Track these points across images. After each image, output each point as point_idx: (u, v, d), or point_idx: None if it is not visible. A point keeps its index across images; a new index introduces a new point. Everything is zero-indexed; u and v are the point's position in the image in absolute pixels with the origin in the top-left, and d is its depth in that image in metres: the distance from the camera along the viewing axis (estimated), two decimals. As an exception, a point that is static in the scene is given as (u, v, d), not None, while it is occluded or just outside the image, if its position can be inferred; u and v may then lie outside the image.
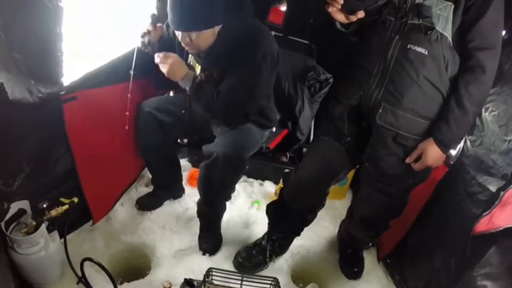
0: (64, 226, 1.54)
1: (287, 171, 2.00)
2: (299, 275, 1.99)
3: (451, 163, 1.63)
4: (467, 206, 1.47)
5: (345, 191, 2.46)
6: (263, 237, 1.89)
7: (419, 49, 1.29)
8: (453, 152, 1.63)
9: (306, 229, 1.86)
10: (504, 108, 1.40)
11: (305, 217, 1.79)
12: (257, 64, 1.56)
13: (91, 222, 1.85)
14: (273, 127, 1.92)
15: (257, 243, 1.88)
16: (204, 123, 1.83)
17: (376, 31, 1.37)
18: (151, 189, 2.14)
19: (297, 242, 1.95)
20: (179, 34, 1.52)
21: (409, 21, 1.30)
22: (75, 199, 1.55)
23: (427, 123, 1.37)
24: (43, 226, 1.41)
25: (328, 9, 1.31)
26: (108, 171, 1.87)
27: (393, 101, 1.36)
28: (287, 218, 1.76)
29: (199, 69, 1.71)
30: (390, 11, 1.33)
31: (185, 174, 2.26)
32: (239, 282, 1.55)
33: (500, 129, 1.40)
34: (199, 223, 1.92)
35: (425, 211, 1.74)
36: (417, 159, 1.40)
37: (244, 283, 1.55)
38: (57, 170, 1.57)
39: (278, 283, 1.57)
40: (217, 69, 1.59)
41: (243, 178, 2.38)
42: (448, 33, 1.26)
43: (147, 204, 2.07)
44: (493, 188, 1.36)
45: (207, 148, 1.67)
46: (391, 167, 1.45)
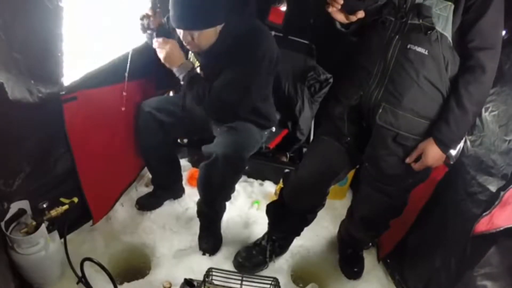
0: (64, 226, 1.54)
1: (287, 171, 2.00)
2: (299, 275, 1.99)
3: (451, 163, 1.63)
4: (467, 206, 1.47)
5: (345, 191, 2.46)
6: (263, 237, 1.89)
7: (419, 49, 1.29)
8: (453, 152, 1.63)
9: (306, 229, 1.86)
10: (504, 108, 1.40)
11: (305, 217, 1.79)
12: (255, 63, 1.55)
13: (91, 222, 1.85)
14: (272, 127, 1.92)
15: (257, 243, 1.88)
16: (204, 123, 1.83)
17: (376, 31, 1.37)
18: (151, 189, 2.14)
19: (297, 242, 1.95)
20: (180, 32, 1.51)
21: (409, 21, 1.30)
22: (75, 199, 1.55)
23: (427, 123, 1.37)
24: (43, 226, 1.41)
25: (328, 9, 1.31)
26: (108, 171, 1.87)
27: (393, 101, 1.36)
28: (287, 218, 1.76)
29: (198, 67, 1.71)
30: (390, 11, 1.33)
31: (185, 174, 2.25)
32: (239, 282, 1.55)
33: (500, 129, 1.40)
34: (199, 223, 1.92)
35: (425, 211, 1.74)
36: (417, 159, 1.40)
37: (244, 283, 1.55)
38: (57, 170, 1.57)
39: (278, 283, 1.57)
40: (217, 68, 1.58)
41: (243, 178, 2.38)
42: (448, 33, 1.26)
43: (147, 204, 2.07)
44: (493, 188, 1.36)
45: (206, 149, 1.66)
46: (391, 167, 1.45)
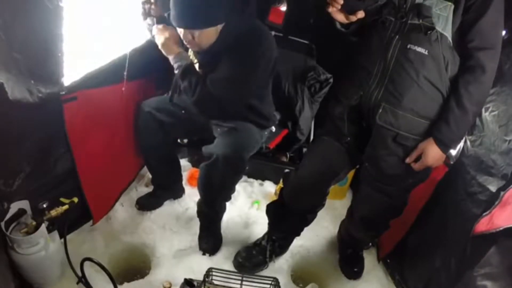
0: (64, 226, 1.54)
1: (287, 171, 2.00)
2: (299, 275, 1.99)
3: (451, 163, 1.63)
4: (467, 206, 1.47)
5: (345, 191, 2.46)
6: (263, 237, 1.89)
7: (419, 49, 1.29)
8: (453, 152, 1.63)
9: (306, 229, 1.86)
10: (504, 108, 1.40)
11: (305, 217, 1.79)
12: (252, 61, 1.54)
13: (91, 222, 1.85)
14: (272, 127, 1.92)
15: (257, 243, 1.88)
16: (204, 123, 1.83)
17: (376, 31, 1.37)
18: (151, 189, 2.14)
19: (297, 242, 1.95)
20: (181, 31, 1.50)
21: (409, 21, 1.30)
22: (75, 199, 1.55)
23: (427, 123, 1.37)
24: (43, 226, 1.41)
25: (328, 9, 1.31)
26: (108, 171, 1.87)
27: (393, 101, 1.36)
28: (287, 218, 1.76)
29: (197, 65, 1.70)
30: (390, 11, 1.33)
31: (185, 174, 2.25)
32: (239, 282, 1.55)
33: (500, 129, 1.40)
34: (199, 223, 1.92)
35: (425, 211, 1.74)
36: (417, 159, 1.40)
37: (244, 283, 1.55)
38: (57, 170, 1.57)
39: (278, 283, 1.57)
40: (215, 66, 1.57)
41: (243, 178, 2.38)
42: (448, 33, 1.26)
43: (147, 204, 2.07)
44: (493, 188, 1.36)
45: (207, 149, 1.66)
46: (391, 167, 1.45)
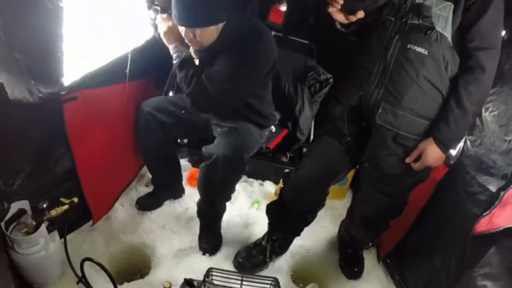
0: (64, 226, 1.54)
1: (287, 171, 2.00)
2: (299, 275, 1.99)
3: (451, 163, 1.63)
4: (467, 206, 1.47)
5: (345, 191, 2.46)
6: (263, 237, 1.89)
7: (419, 49, 1.29)
8: (453, 152, 1.63)
9: (306, 229, 1.86)
10: (504, 108, 1.40)
11: (305, 217, 1.79)
12: (251, 61, 1.54)
13: (91, 222, 1.84)
14: (272, 127, 1.92)
15: (257, 243, 1.88)
16: (204, 123, 1.83)
17: (376, 31, 1.37)
18: (151, 189, 2.14)
19: (297, 242, 1.95)
20: (182, 30, 1.50)
21: (409, 21, 1.30)
22: (75, 199, 1.55)
23: (427, 123, 1.37)
24: (43, 226, 1.41)
25: (328, 9, 1.31)
26: (108, 171, 1.87)
27: (393, 101, 1.36)
28: (287, 218, 1.76)
29: (197, 61, 1.70)
30: (390, 11, 1.34)
31: (185, 174, 2.25)
32: (239, 282, 1.55)
33: (500, 129, 1.40)
34: (199, 223, 1.91)
35: (425, 211, 1.74)
36: (417, 159, 1.40)
37: (244, 283, 1.55)
38: (57, 170, 1.57)
39: (278, 283, 1.57)
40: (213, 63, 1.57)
41: (243, 178, 2.38)
42: (448, 33, 1.27)
43: (147, 204, 2.07)
44: (493, 188, 1.37)
45: (207, 150, 1.66)
46: (391, 167, 1.45)
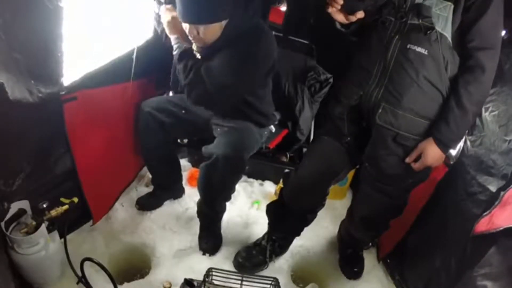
0: (64, 226, 1.54)
1: (287, 171, 2.00)
2: (299, 275, 1.99)
3: (451, 163, 1.63)
4: (467, 206, 1.47)
5: (345, 191, 2.46)
6: (263, 237, 1.89)
7: (419, 49, 1.29)
8: (453, 152, 1.63)
9: (306, 229, 1.86)
10: (504, 108, 1.40)
11: (305, 217, 1.79)
12: (250, 58, 1.54)
13: (91, 222, 1.85)
14: (271, 126, 1.92)
15: (257, 243, 1.88)
16: (204, 123, 1.83)
17: (376, 31, 1.37)
18: (151, 189, 2.14)
19: (297, 242, 1.95)
20: (186, 26, 1.51)
21: (409, 21, 1.30)
22: (75, 199, 1.55)
23: (427, 123, 1.37)
24: (43, 226, 1.41)
25: (328, 9, 1.31)
26: (108, 170, 1.87)
27: (393, 101, 1.36)
28: (287, 218, 1.76)
29: (198, 57, 1.70)
30: (390, 11, 1.34)
31: (185, 174, 2.25)
32: (239, 282, 1.55)
33: (500, 129, 1.40)
34: (199, 223, 1.91)
35: (425, 211, 1.74)
36: (417, 159, 1.40)
37: (244, 283, 1.55)
38: (57, 170, 1.57)
39: (278, 283, 1.57)
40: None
41: (243, 178, 2.38)
42: (448, 33, 1.27)
43: (147, 204, 2.07)
44: (493, 188, 1.37)
45: (207, 149, 1.66)
46: (391, 167, 1.45)
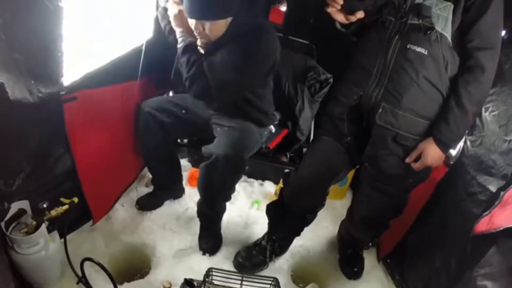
0: (64, 226, 1.54)
1: (287, 171, 2.00)
2: (299, 275, 1.99)
3: (451, 163, 1.63)
4: (467, 206, 1.47)
5: (345, 191, 2.46)
6: (263, 237, 1.89)
7: (419, 49, 1.29)
8: (453, 152, 1.63)
9: (306, 229, 1.86)
10: (504, 108, 1.40)
11: (305, 217, 1.79)
12: (251, 55, 1.54)
13: (91, 222, 1.84)
14: (271, 126, 1.92)
15: (257, 243, 1.88)
16: (204, 123, 1.83)
17: (376, 31, 1.38)
18: (151, 189, 2.14)
19: (297, 242, 1.95)
20: (192, 22, 1.51)
21: (408, 21, 1.30)
22: (75, 199, 1.55)
23: (427, 123, 1.37)
24: (43, 226, 1.41)
25: (328, 9, 1.31)
26: (108, 171, 1.87)
27: (393, 101, 1.36)
28: (287, 218, 1.76)
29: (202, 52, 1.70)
30: (390, 11, 1.34)
31: (185, 174, 2.25)
32: (239, 282, 1.55)
33: (500, 129, 1.40)
34: (199, 223, 1.92)
35: (425, 211, 1.74)
36: (417, 159, 1.40)
37: (244, 283, 1.55)
38: (57, 170, 1.57)
39: (278, 283, 1.57)
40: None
41: (243, 178, 2.38)
42: (448, 33, 1.27)
43: (147, 204, 2.07)
44: (493, 188, 1.37)
45: (207, 149, 1.66)
46: (391, 167, 1.45)
